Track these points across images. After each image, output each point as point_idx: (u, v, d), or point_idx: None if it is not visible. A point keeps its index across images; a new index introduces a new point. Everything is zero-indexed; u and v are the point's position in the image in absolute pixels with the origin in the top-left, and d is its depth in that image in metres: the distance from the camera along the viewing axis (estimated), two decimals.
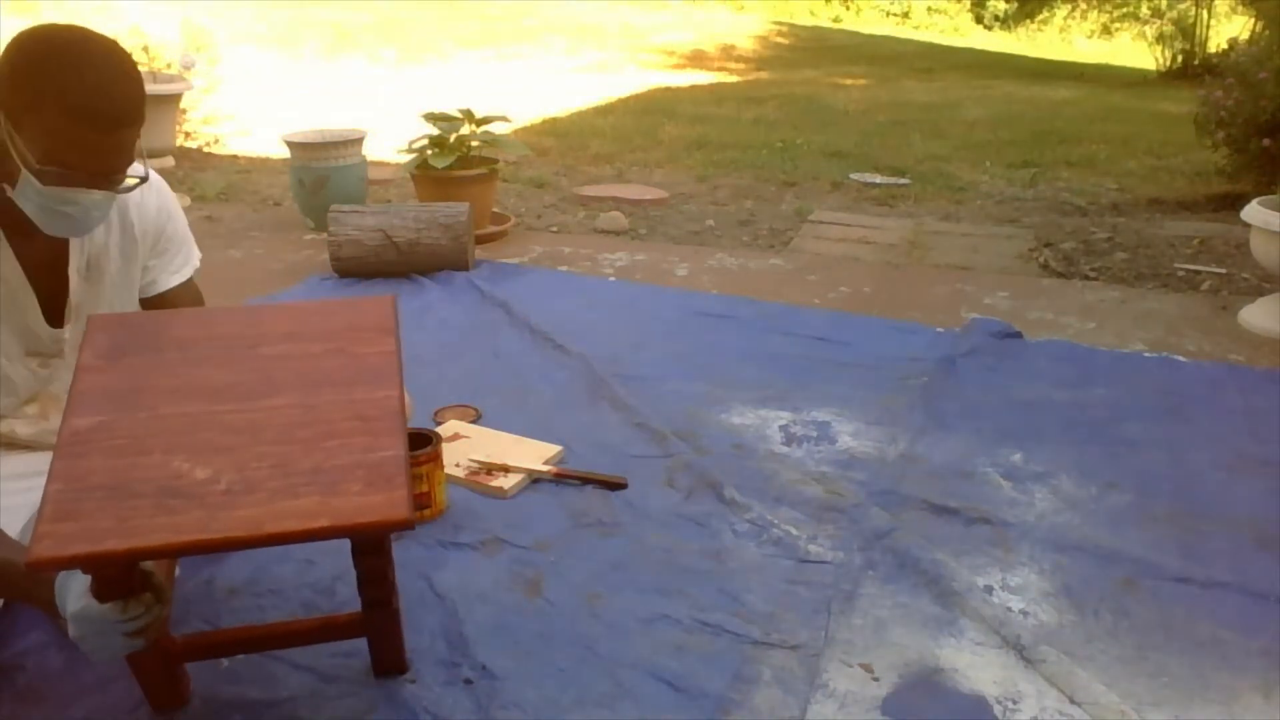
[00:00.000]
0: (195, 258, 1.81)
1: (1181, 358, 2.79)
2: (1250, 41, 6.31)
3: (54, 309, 1.60)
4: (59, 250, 1.57)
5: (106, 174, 1.40)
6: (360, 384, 1.28)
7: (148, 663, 1.33)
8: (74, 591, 1.22)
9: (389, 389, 1.28)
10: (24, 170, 1.37)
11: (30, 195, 1.40)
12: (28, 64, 1.33)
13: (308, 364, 1.31)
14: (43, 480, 1.56)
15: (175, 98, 4.48)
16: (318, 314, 1.43)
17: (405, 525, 1.10)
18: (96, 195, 1.42)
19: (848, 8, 15.37)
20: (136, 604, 1.20)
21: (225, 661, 1.49)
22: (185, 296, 1.76)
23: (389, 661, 1.48)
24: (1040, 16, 14.74)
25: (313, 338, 1.37)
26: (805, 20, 14.68)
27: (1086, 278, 3.63)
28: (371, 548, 1.31)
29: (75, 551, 1.07)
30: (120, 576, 1.18)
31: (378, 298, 1.45)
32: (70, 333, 1.62)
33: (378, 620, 1.41)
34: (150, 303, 1.73)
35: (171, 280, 1.74)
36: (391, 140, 5.22)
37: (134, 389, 1.27)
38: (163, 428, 1.21)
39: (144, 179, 1.48)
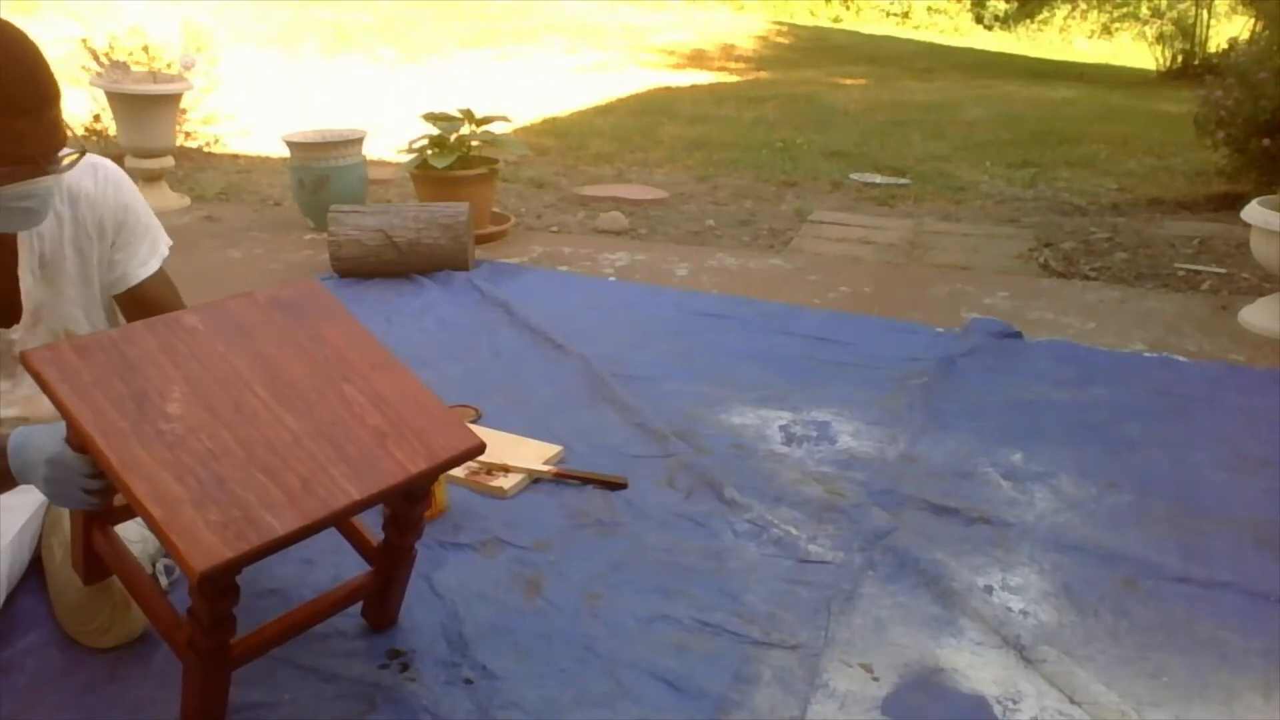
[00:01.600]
0: (163, 245, 1.75)
1: (1181, 358, 2.79)
2: (1250, 41, 6.31)
3: (1, 312, 1.57)
4: (6, 252, 1.55)
5: (48, 156, 1.39)
6: (348, 466, 1.28)
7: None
8: (49, 439, 1.30)
9: (352, 486, 1.27)
10: None
11: None
12: None
13: (349, 421, 1.33)
14: None
15: (175, 98, 4.47)
16: (415, 399, 1.42)
17: (190, 574, 1.10)
18: (47, 181, 1.41)
19: (848, 8, 15.37)
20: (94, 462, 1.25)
21: None
22: (158, 289, 1.71)
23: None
24: (1040, 16, 14.74)
25: (385, 410, 1.37)
26: (805, 20, 14.68)
27: (1086, 278, 3.63)
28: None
29: (45, 374, 1.22)
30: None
31: (466, 431, 1.42)
32: (24, 334, 1.59)
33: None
34: (123, 298, 1.69)
35: (141, 272, 1.70)
36: (391, 140, 5.22)
37: (246, 330, 1.39)
38: (210, 363, 1.33)
39: (82, 152, 1.46)
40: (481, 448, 1.38)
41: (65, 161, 1.43)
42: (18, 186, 1.38)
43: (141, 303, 1.70)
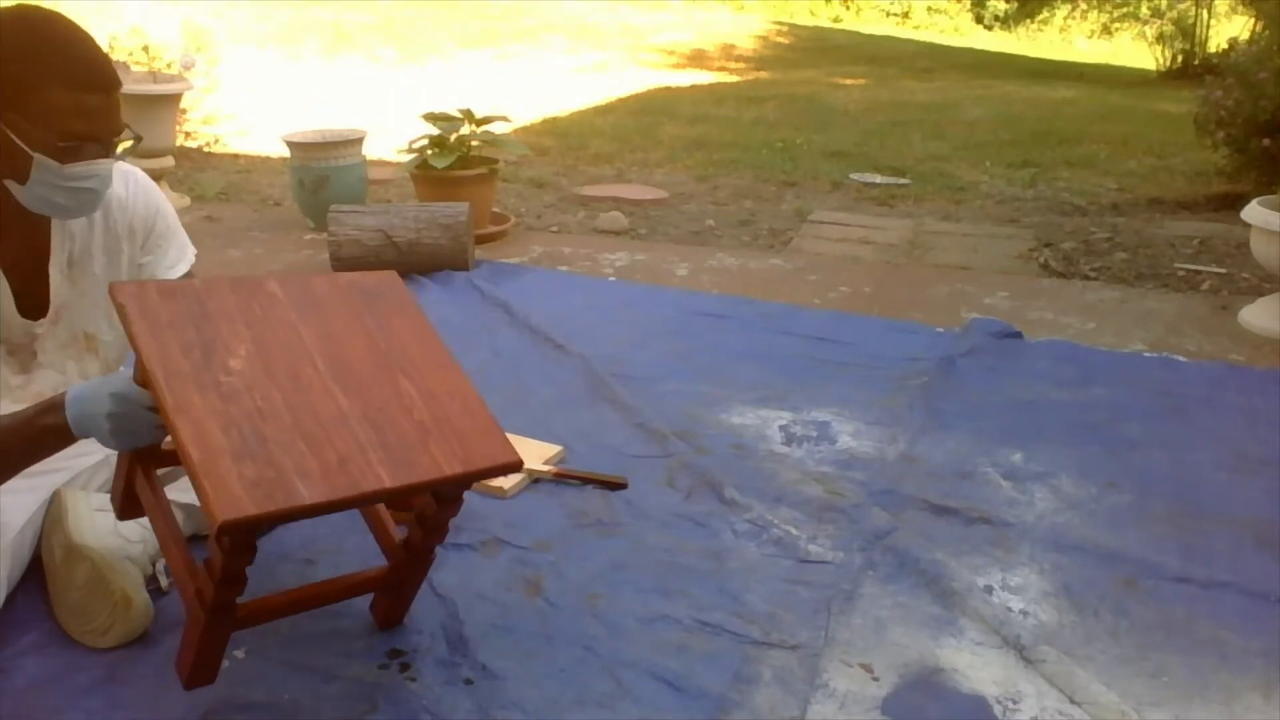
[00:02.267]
0: (190, 253, 1.79)
1: (1181, 358, 2.79)
2: (1250, 41, 6.31)
3: (30, 305, 1.59)
4: (39, 248, 1.58)
5: (113, 136, 1.44)
6: (385, 453, 1.31)
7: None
8: (110, 382, 1.33)
9: (385, 473, 1.29)
10: (37, 157, 1.39)
11: (50, 180, 1.42)
12: (16, 51, 1.35)
13: (396, 411, 1.36)
14: (40, 480, 1.57)
15: (175, 98, 4.47)
16: (464, 402, 1.44)
17: (212, 522, 1.13)
18: (109, 163, 1.46)
19: (848, 8, 15.37)
20: None
21: (226, 661, 1.50)
22: None
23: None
24: (1040, 16, 14.74)
25: (433, 406, 1.40)
26: (805, 20, 14.68)
27: (1086, 278, 3.63)
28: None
29: (125, 305, 1.27)
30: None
31: (506, 446, 1.44)
32: (46, 329, 1.60)
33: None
34: None
35: (169, 275, 1.73)
36: (391, 140, 5.22)
37: (321, 306, 1.43)
38: (280, 330, 1.36)
39: (137, 138, 1.51)
40: (518, 464, 1.39)
41: (121, 148, 1.48)
42: (83, 166, 1.42)
43: None
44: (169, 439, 1.35)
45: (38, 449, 1.41)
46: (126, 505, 1.47)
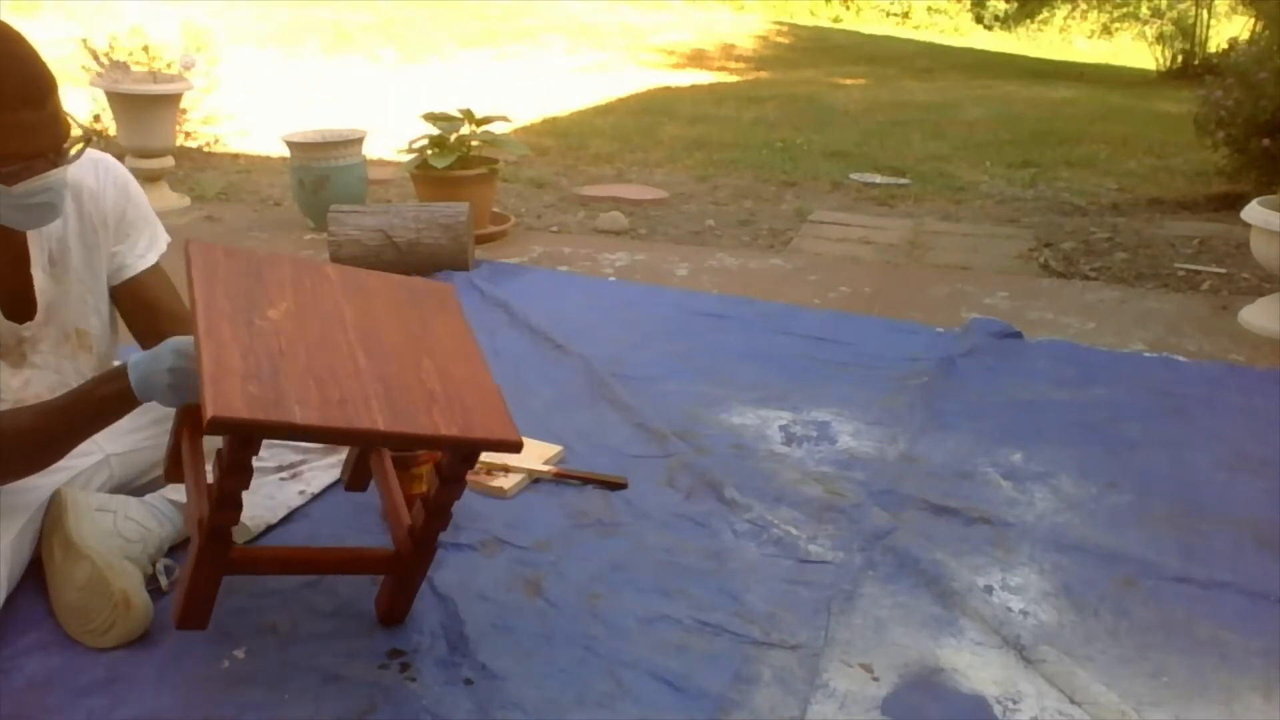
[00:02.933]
0: (162, 240, 1.77)
1: (1181, 358, 2.79)
2: (1250, 41, 6.31)
3: (16, 308, 1.59)
4: (18, 251, 1.57)
5: (56, 148, 1.41)
6: (387, 404, 1.36)
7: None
8: (172, 344, 1.40)
9: (381, 418, 1.34)
10: None
11: (4, 203, 1.40)
12: None
13: (409, 379, 1.42)
14: (40, 480, 1.57)
15: (175, 98, 4.47)
16: (477, 387, 1.49)
17: (201, 418, 1.20)
18: (60, 173, 1.43)
19: (848, 8, 15.36)
20: None
21: (226, 662, 1.50)
22: (154, 282, 1.73)
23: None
24: (1040, 16, 14.73)
25: (446, 383, 1.45)
26: (805, 20, 14.68)
27: (1086, 278, 3.63)
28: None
29: (191, 255, 1.40)
30: None
31: (509, 426, 1.48)
32: (36, 330, 1.61)
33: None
34: (119, 290, 1.70)
35: (139, 264, 1.71)
36: (391, 140, 5.22)
37: (366, 292, 1.52)
38: (321, 301, 1.45)
39: (86, 140, 1.48)
40: (518, 444, 1.42)
41: (73, 151, 1.44)
42: (32, 183, 1.39)
43: (137, 298, 1.71)
44: None
45: (99, 418, 1.48)
46: (173, 468, 1.58)
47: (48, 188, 1.42)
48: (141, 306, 1.71)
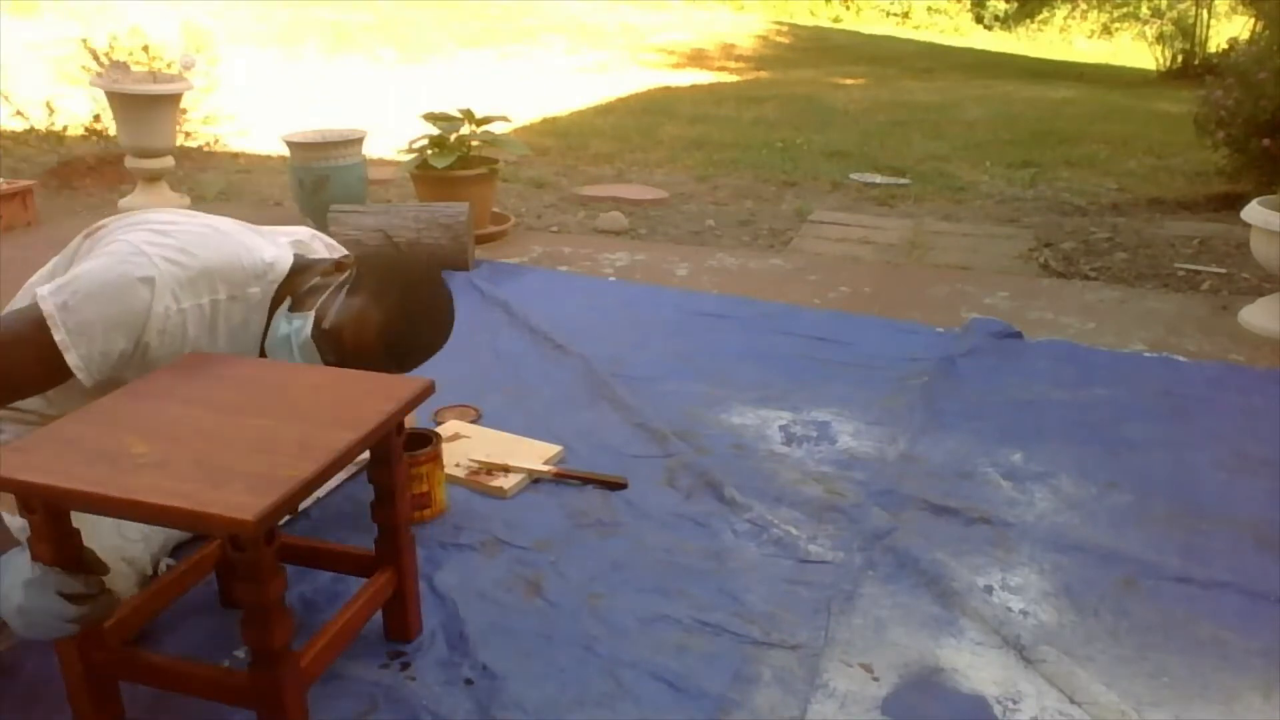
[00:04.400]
0: None
1: (1181, 358, 2.79)
2: (1250, 41, 6.31)
3: None
4: None
5: (353, 367, 1.58)
6: (330, 424, 1.33)
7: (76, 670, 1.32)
8: (18, 567, 1.24)
9: (347, 432, 1.30)
10: (314, 318, 1.59)
11: (295, 325, 1.60)
12: (405, 279, 1.63)
13: (308, 406, 1.39)
14: None
15: (175, 98, 4.47)
16: (352, 378, 1.50)
17: (241, 527, 1.10)
18: (315, 361, 1.62)
19: (848, 8, 15.37)
20: (85, 581, 1.24)
21: (226, 661, 1.50)
22: None
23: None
24: (1040, 16, 14.74)
25: (331, 390, 1.45)
26: (805, 20, 14.68)
27: (1086, 278, 3.63)
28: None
29: (7, 474, 1.18)
30: (62, 541, 1.25)
31: (414, 378, 1.50)
32: None
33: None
34: None
35: None
36: (391, 140, 5.22)
37: (163, 392, 1.41)
38: (148, 416, 1.34)
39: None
40: (431, 386, 1.45)
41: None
42: (313, 347, 1.60)
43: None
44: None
45: None
46: (102, 703, 1.35)
47: (308, 359, 1.61)
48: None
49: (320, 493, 1.92)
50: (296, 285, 1.65)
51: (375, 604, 1.48)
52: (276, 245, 1.68)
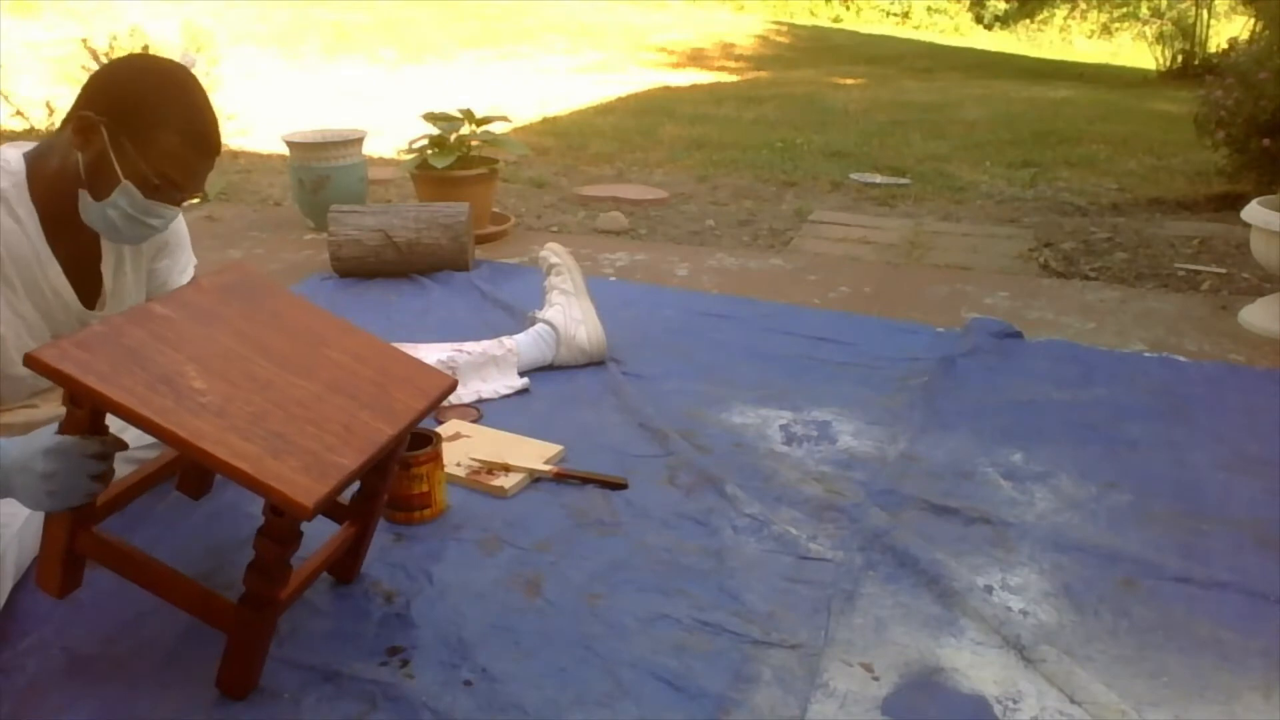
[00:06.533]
0: (193, 262, 1.95)
1: (1181, 358, 2.79)
2: (1250, 41, 6.31)
3: (87, 295, 1.72)
4: (92, 249, 1.71)
5: (195, 193, 1.60)
6: (371, 410, 1.43)
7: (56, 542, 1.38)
8: (36, 437, 1.31)
9: (385, 425, 1.42)
10: (124, 181, 1.51)
11: (126, 206, 1.54)
12: (148, 90, 1.51)
13: (348, 377, 1.48)
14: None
15: None
16: (386, 353, 1.60)
17: (301, 512, 1.22)
18: (174, 211, 1.60)
19: (848, 8, 15.37)
20: (102, 441, 1.32)
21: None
22: None
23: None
24: (1040, 16, 14.74)
25: (369, 364, 1.53)
26: (805, 20, 14.69)
27: (1086, 278, 3.63)
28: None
29: (65, 370, 1.24)
30: (87, 421, 1.31)
31: (441, 373, 1.63)
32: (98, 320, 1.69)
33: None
34: None
35: (180, 279, 1.88)
36: (391, 140, 5.23)
37: (213, 313, 1.48)
38: (204, 343, 1.41)
39: (205, 197, 1.72)
40: (454, 383, 1.60)
41: (193, 203, 1.62)
42: (159, 205, 1.57)
43: None
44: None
45: None
46: (67, 579, 1.41)
47: (163, 216, 1.59)
48: None
49: None
50: (60, 171, 1.55)
51: (339, 552, 1.60)
52: None
